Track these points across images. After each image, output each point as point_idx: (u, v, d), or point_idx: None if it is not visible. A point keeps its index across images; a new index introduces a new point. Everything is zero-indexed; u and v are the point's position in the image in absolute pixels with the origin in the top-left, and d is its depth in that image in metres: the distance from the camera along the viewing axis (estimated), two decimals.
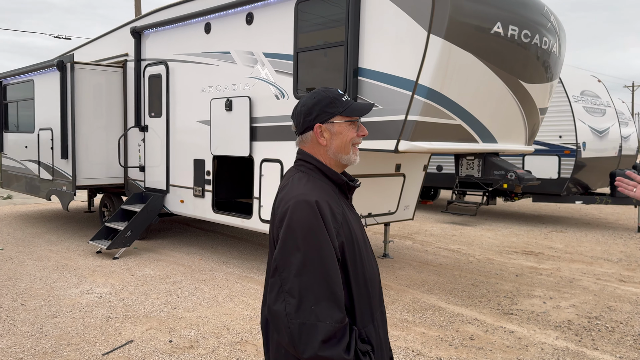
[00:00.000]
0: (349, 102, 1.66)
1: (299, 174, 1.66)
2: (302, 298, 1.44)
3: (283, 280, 1.48)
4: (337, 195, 1.64)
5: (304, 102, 1.67)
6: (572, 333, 4.56)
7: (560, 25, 5.72)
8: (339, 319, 1.44)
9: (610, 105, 11.23)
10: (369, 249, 1.70)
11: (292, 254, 1.48)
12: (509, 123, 5.44)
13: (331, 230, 1.51)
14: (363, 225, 1.76)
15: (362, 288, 1.60)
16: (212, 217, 6.89)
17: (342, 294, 1.49)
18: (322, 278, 1.46)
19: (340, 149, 1.65)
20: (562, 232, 9.76)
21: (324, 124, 1.64)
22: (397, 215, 7.23)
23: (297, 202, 1.53)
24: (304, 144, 1.69)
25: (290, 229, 1.50)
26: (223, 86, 6.57)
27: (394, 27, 4.78)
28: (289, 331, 1.43)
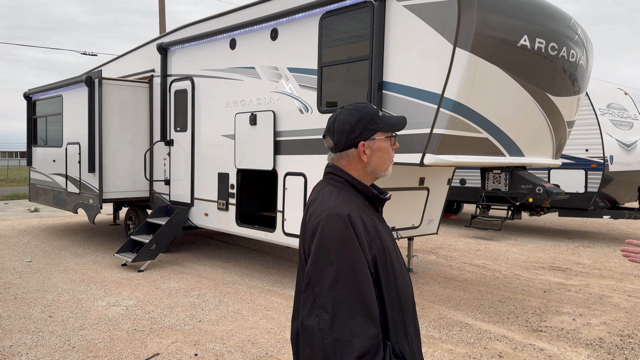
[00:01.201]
0: (386, 118, 1.67)
1: (329, 187, 1.65)
2: (335, 313, 1.42)
3: (316, 294, 1.47)
4: (368, 208, 1.63)
5: (345, 120, 1.63)
6: (605, 351, 4.43)
7: (587, 37, 5.65)
8: (374, 335, 1.42)
9: (638, 118, 11.01)
10: (401, 262, 1.69)
11: (325, 268, 1.47)
12: (536, 136, 5.37)
13: (364, 244, 1.50)
14: (394, 238, 1.74)
15: (395, 302, 1.58)
16: (235, 230, 6.92)
17: (376, 308, 1.47)
18: (356, 292, 1.45)
19: (380, 165, 1.65)
20: (590, 248, 9.53)
21: (367, 142, 1.63)
22: (421, 229, 7.16)
23: (329, 215, 1.52)
24: (342, 160, 1.66)
25: (322, 243, 1.49)
26: (247, 101, 6.64)
27: (419, 41, 4.78)
28: (322, 347, 1.42)
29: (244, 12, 6.66)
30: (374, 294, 1.49)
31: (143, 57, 8.86)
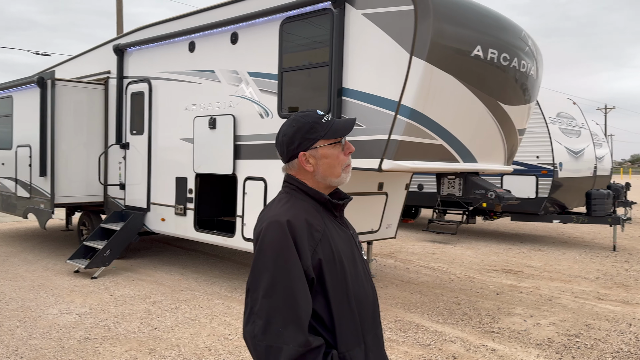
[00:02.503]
0: (330, 124, 1.64)
1: (281, 195, 1.67)
2: (269, 320, 1.45)
3: (253, 301, 1.49)
4: (322, 213, 1.62)
5: (285, 132, 1.65)
6: (553, 351, 4.61)
7: (538, 49, 5.90)
8: (302, 343, 1.43)
9: (585, 127, 11.55)
10: (360, 268, 1.66)
11: (262, 275, 1.49)
12: (488, 143, 5.56)
13: (304, 250, 1.50)
14: (355, 244, 1.71)
15: (345, 309, 1.55)
16: (194, 235, 6.83)
17: (306, 317, 1.47)
18: (290, 300, 1.45)
19: (328, 173, 1.64)
20: (541, 251, 9.91)
21: (307, 151, 1.62)
22: (380, 233, 7.26)
23: (270, 223, 1.54)
24: (291, 170, 1.68)
25: (260, 250, 1.52)
26: (207, 104, 6.58)
27: (378, 49, 4.88)
28: (256, 353, 1.45)
29: (203, 15, 6.61)
30: (309, 301, 1.49)
31: (99, 59, 8.64)
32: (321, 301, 1.53)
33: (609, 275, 7.85)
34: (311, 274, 1.50)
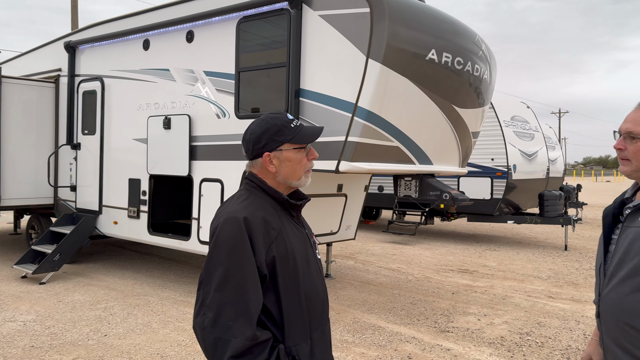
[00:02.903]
0: (297, 129, 1.69)
1: (240, 192, 1.72)
2: (219, 313, 1.49)
3: (205, 294, 1.53)
4: (279, 212, 1.67)
5: (253, 130, 1.69)
6: (505, 349, 4.71)
7: (491, 53, 6.04)
8: (250, 337, 1.48)
9: (539, 130, 11.92)
10: (313, 266, 1.73)
11: (216, 269, 1.54)
12: (443, 146, 5.64)
13: (258, 247, 1.55)
14: (310, 243, 1.77)
15: (295, 305, 1.62)
16: (147, 239, 6.64)
17: (256, 311, 1.52)
18: (241, 294, 1.50)
19: (290, 175, 1.69)
20: (496, 251, 10.15)
21: (272, 152, 1.67)
22: (339, 235, 7.26)
23: (227, 219, 1.58)
24: (254, 168, 1.72)
25: (216, 245, 1.56)
26: (161, 104, 6.42)
27: (334, 51, 4.87)
28: (204, 344, 1.50)
29: (158, 12, 6.45)
30: (260, 296, 1.54)
31: (49, 56, 8.31)
32: (272, 297, 1.58)
33: (560, 274, 8.11)
34: (264, 271, 1.55)
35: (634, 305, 1.64)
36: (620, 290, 1.68)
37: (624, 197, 1.84)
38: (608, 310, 1.73)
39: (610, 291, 1.72)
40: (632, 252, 1.65)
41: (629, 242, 1.68)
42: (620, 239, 1.73)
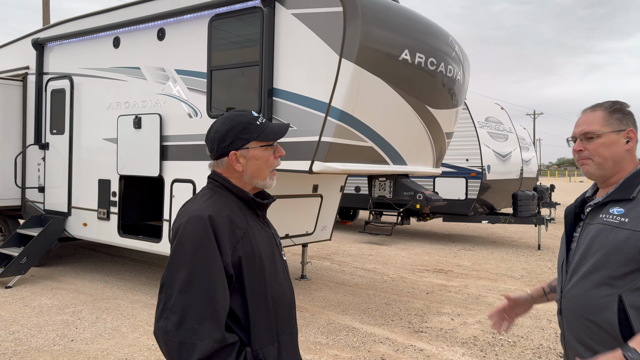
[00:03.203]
0: (263, 126, 1.65)
1: (204, 190, 1.67)
2: (184, 316, 1.42)
3: (167, 297, 1.46)
4: (244, 211, 1.63)
5: (217, 128, 1.65)
6: (478, 349, 4.73)
7: (465, 54, 6.07)
8: (218, 339, 1.42)
9: (512, 131, 12.08)
10: (279, 267, 1.69)
11: (179, 270, 1.47)
12: (417, 146, 5.64)
13: (224, 246, 1.50)
14: (277, 244, 1.74)
15: (262, 307, 1.58)
16: (117, 241, 6.49)
17: (224, 312, 1.47)
18: (207, 296, 1.45)
19: (257, 174, 1.65)
20: (470, 250, 10.24)
21: (238, 151, 1.62)
22: (315, 236, 7.22)
23: (191, 217, 1.52)
24: (219, 168, 1.68)
25: (179, 245, 1.50)
26: (132, 103, 6.28)
27: (308, 50, 4.83)
28: (167, 350, 1.42)
29: (129, 9, 6.31)
30: (227, 297, 1.49)
31: (16, 53, 8.07)
32: (238, 299, 1.53)
33: (533, 273, 8.21)
34: (230, 271, 1.50)
35: (595, 301, 1.67)
36: (582, 286, 1.72)
37: (585, 196, 1.90)
38: (570, 307, 1.77)
39: (572, 287, 1.77)
40: (593, 248, 1.70)
41: (590, 239, 1.73)
42: (582, 236, 1.79)
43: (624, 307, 1.62)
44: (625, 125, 1.75)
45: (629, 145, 1.76)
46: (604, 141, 1.74)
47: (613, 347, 1.64)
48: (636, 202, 1.67)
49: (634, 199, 1.68)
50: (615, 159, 1.74)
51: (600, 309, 1.66)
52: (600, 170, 1.76)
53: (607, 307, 1.65)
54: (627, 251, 1.62)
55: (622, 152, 1.75)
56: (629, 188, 1.71)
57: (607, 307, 1.65)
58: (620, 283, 1.64)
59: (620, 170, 1.76)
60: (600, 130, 1.74)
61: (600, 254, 1.67)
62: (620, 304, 1.62)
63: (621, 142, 1.75)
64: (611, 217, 1.69)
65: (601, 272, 1.67)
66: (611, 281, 1.65)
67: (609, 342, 1.66)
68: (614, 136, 1.74)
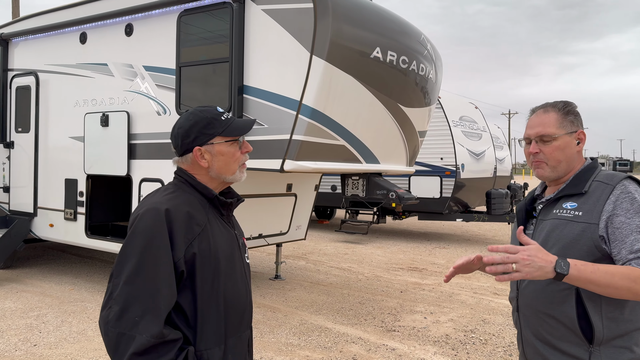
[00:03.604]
0: (228, 121, 1.64)
1: (167, 185, 1.65)
2: (127, 307, 1.41)
3: (114, 286, 1.46)
4: (206, 209, 1.61)
5: (181, 124, 1.63)
6: (449, 347, 4.73)
7: (437, 53, 6.08)
8: (156, 334, 1.40)
9: (486, 130, 12.20)
10: (237, 269, 1.65)
11: (128, 261, 1.46)
12: (390, 145, 5.62)
13: (178, 241, 1.48)
14: (238, 245, 1.70)
15: (213, 307, 1.55)
16: (85, 242, 6.32)
17: (166, 308, 1.45)
18: (152, 289, 1.43)
19: (223, 170, 1.63)
20: (445, 248, 10.30)
21: (203, 146, 1.61)
22: (289, 235, 7.16)
23: (148, 209, 1.51)
24: (184, 164, 1.66)
25: (132, 235, 1.49)
26: (99, 100, 6.12)
27: (278, 46, 4.76)
28: (107, 339, 1.42)
29: (96, 4, 6.14)
30: (173, 293, 1.47)
31: None
32: (188, 296, 1.51)
33: None
34: (181, 267, 1.48)
35: (553, 295, 1.69)
36: (539, 281, 1.72)
37: (535, 194, 1.92)
38: (527, 303, 1.78)
39: (529, 284, 1.78)
40: (549, 243, 1.72)
41: (546, 234, 1.75)
42: (536, 232, 1.80)
43: (582, 300, 1.64)
44: (576, 127, 1.79)
45: (579, 146, 1.80)
46: (559, 144, 1.76)
47: (572, 341, 1.67)
48: (588, 196, 1.71)
49: (586, 193, 1.71)
50: (568, 160, 1.78)
51: (558, 303, 1.68)
52: (554, 173, 1.79)
53: (565, 301, 1.67)
54: (583, 243, 1.65)
55: (574, 153, 1.78)
56: (580, 183, 1.75)
57: (565, 301, 1.67)
58: None
59: (571, 170, 1.80)
60: (556, 132, 1.76)
61: (556, 248, 1.69)
62: (578, 297, 1.64)
63: (573, 144, 1.78)
64: (565, 211, 1.72)
65: None
66: None
67: (568, 336, 1.67)
68: (567, 138, 1.77)
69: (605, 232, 1.63)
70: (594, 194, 1.70)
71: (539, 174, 1.82)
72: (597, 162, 1.82)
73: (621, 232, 1.61)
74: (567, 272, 1.52)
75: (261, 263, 8.44)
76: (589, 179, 1.74)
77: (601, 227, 1.63)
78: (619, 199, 1.64)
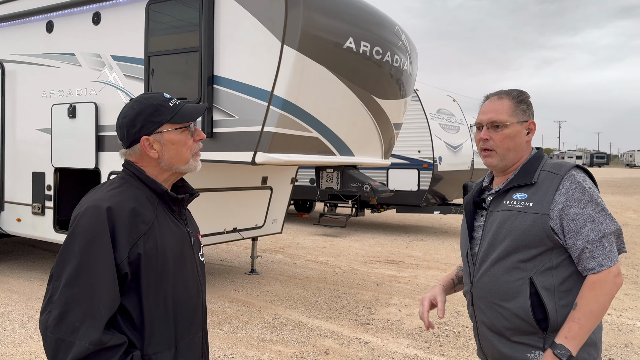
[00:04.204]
0: (177, 107, 1.54)
1: (113, 179, 1.55)
2: (66, 311, 1.33)
3: (53, 289, 1.38)
4: (155, 205, 1.51)
5: (125, 113, 1.54)
6: (422, 340, 4.72)
7: (412, 44, 6.03)
8: (95, 341, 1.33)
9: (464, 123, 12.24)
10: (188, 269, 1.56)
11: (68, 263, 1.38)
12: (365, 137, 5.57)
13: (121, 241, 1.40)
14: (190, 242, 1.60)
15: (160, 309, 1.46)
16: (53, 237, 6.15)
17: (107, 313, 1.37)
18: (92, 293, 1.35)
19: (175, 160, 1.54)
20: (422, 241, 10.34)
21: (151, 136, 1.51)
22: (265, 229, 7.08)
23: (88, 207, 1.42)
24: (132, 156, 1.56)
25: (72, 235, 1.40)
26: (66, 91, 5.94)
27: (249, 36, 4.65)
28: (46, 345, 1.35)
29: None
30: (115, 297, 1.40)
31: None
32: (134, 298, 1.44)
33: None
34: (125, 269, 1.41)
35: (506, 286, 1.68)
36: (493, 273, 1.72)
37: (483, 185, 1.91)
38: (481, 295, 1.77)
39: (482, 276, 1.76)
40: (501, 234, 1.71)
41: (497, 226, 1.73)
42: (487, 224, 1.78)
43: (536, 290, 1.64)
44: (527, 117, 1.78)
45: (529, 136, 1.79)
46: (510, 132, 1.74)
47: (526, 331, 1.67)
48: (538, 186, 1.70)
49: (535, 184, 1.70)
50: (516, 149, 1.76)
51: (513, 294, 1.67)
52: (502, 162, 1.78)
53: (519, 291, 1.66)
54: (534, 234, 1.64)
55: (523, 143, 1.77)
56: (528, 173, 1.74)
57: (519, 291, 1.66)
58: (529, 266, 1.66)
59: (519, 160, 1.79)
60: (507, 120, 1.74)
61: (509, 240, 1.68)
62: (532, 286, 1.64)
63: (523, 133, 1.77)
64: (515, 202, 1.71)
65: (511, 257, 1.68)
66: (521, 264, 1.67)
67: (522, 327, 1.67)
68: (518, 127, 1.76)
69: (559, 224, 1.64)
70: (543, 184, 1.69)
71: (487, 162, 1.81)
72: (542, 151, 1.82)
73: (576, 224, 1.62)
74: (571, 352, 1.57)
75: (237, 257, 8.36)
76: (537, 169, 1.74)
77: (553, 219, 1.64)
78: (569, 190, 1.65)
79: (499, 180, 1.83)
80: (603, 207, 1.65)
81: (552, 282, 1.64)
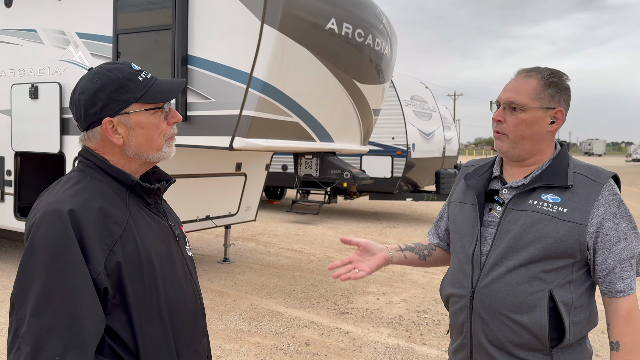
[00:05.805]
0: (148, 82, 1.26)
1: (71, 174, 1.26)
2: (40, 346, 1.06)
3: (19, 320, 1.09)
4: (125, 200, 1.25)
5: (83, 88, 1.23)
6: (403, 329, 4.67)
7: (392, 29, 5.91)
8: None
9: (436, 110, 12.27)
10: (179, 269, 1.31)
11: (31, 286, 1.09)
12: (345, 123, 5.44)
13: (93, 250, 1.13)
14: (175, 238, 1.36)
15: (155, 323, 1.23)
16: (14, 225, 5.81)
17: (93, 339, 1.11)
18: (70, 319, 1.08)
19: (145, 147, 1.27)
20: (395, 228, 10.34)
21: (115, 117, 1.23)
22: (239, 216, 6.90)
23: (45, 212, 1.13)
24: (90, 141, 1.27)
25: (30, 251, 1.11)
26: (27, 70, 5.57)
27: (227, 14, 4.43)
28: None
29: None
30: (100, 318, 1.13)
31: None
32: (121, 317, 1.18)
33: None
34: (103, 283, 1.14)
35: (524, 297, 1.47)
36: (509, 280, 1.50)
37: (493, 174, 1.65)
38: (489, 304, 1.52)
39: (493, 282, 1.52)
40: (526, 238, 1.49)
41: (521, 228, 1.50)
42: (504, 222, 1.54)
43: (555, 304, 1.46)
44: (556, 103, 1.52)
45: (553, 126, 1.53)
46: (527, 117, 1.51)
47: (534, 348, 1.48)
48: (573, 192, 1.49)
49: (571, 188, 1.50)
50: (534, 139, 1.53)
51: (529, 307, 1.47)
52: (514, 150, 1.54)
53: (537, 304, 1.46)
54: (568, 245, 1.45)
55: (544, 133, 1.53)
56: (560, 173, 1.52)
57: (537, 304, 1.46)
58: (550, 277, 1.47)
59: (539, 153, 1.55)
60: (527, 103, 1.50)
61: (537, 247, 1.47)
62: (551, 300, 1.46)
63: (545, 122, 1.52)
64: (546, 205, 1.49)
65: (534, 265, 1.47)
66: (543, 275, 1.47)
67: (531, 343, 1.48)
68: (539, 113, 1.51)
69: (594, 238, 1.47)
70: (580, 190, 1.49)
71: (497, 146, 1.57)
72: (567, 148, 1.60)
73: (609, 240, 1.46)
74: None
75: (209, 245, 8.14)
76: (568, 170, 1.52)
77: (590, 232, 1.46)
78: (607, 202, 1.47)
79: (515, 172, 1.60)
80: (634, 225, 1.49)
81: (570, 297, 1.47)
